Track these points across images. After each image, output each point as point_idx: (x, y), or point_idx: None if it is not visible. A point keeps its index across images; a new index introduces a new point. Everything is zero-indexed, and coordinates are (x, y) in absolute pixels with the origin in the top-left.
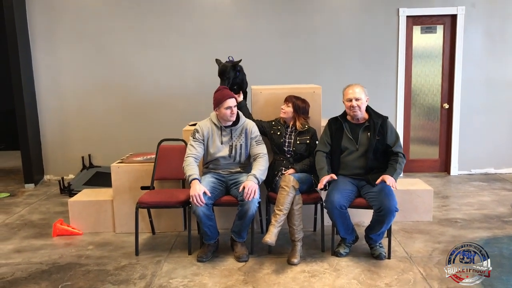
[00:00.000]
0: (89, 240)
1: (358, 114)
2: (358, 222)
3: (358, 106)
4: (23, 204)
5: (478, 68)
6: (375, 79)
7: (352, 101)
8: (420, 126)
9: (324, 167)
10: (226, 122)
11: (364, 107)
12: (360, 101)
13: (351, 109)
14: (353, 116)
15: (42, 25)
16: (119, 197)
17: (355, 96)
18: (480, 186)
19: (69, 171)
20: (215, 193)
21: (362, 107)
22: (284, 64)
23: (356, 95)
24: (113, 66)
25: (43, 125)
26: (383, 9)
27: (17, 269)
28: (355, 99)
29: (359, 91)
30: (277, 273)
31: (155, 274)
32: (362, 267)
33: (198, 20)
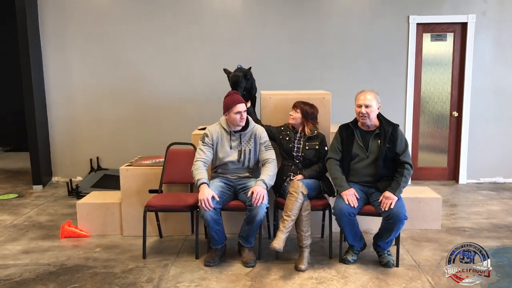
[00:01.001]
0: (96, 242)
1: (367, 121)
2: (366, 229)
3: (368, 113)
4: (31, 206)
5: (488, 76)
6: (384, 86)
7: (361, 108)
8: (429, 134)
9: (339, 177)
10: (236, 127)
11: (374, 114)
12: (370, 108)
13: (360, 116)
14: (362, 123)
15: (53, 27)
16: (127, 200)
17: (365, 102)
18: (489, 195)
19: (77, 173)
20: (223, 197)
21: (372, 114)
22: (293, 69)
23: (366, 102)
24: (123, 69)
25: (52, 127)
26: (393, 16)
27: (25, 270)
28: (365, 106)
29: (371, 97)
30: (284, 279)
31: (162, 278)
32: (370, 275)
33: (207, 25)
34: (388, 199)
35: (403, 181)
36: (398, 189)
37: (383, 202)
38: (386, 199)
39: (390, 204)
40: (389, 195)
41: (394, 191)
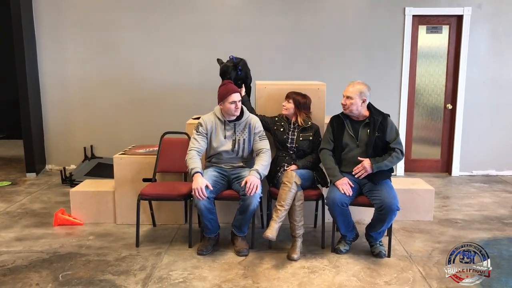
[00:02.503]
0: (90, 230)
1: (347, 112)
2: (358, 219)
3: (347, 105)
4: (25, 193)
5: (482, 69)
6: (379, 77)
7: (344, 98)
8: (422, 126)
9: (332, 166)
10: (230, 116)
11: (355, 108)
12: (351, 100)
13: (343, 106)
14: (344, 112)
15: (47, 17)
16: (120, 189)
17: (347, 94)
18: (481, 187)
19: (71, 161)
20: (217, 187)
21: (352, 107)
22: (289, 59)
23: (347, 93)
24: (117, 59)
25: (46, 115)
26: (389, 7)
27: (17, 257)
28: (346, 97)
29: (353, 90)
30: (277, 268)
31: (155, 266)
32: (362, 265)
33: (203, 14)
34: (364, 169)
35: (388, 160)
36: (378, 164)
37: (357, 167)
38: (361, 167)
39: (361, 175)
40: (366, 165)
41: (374, 162)
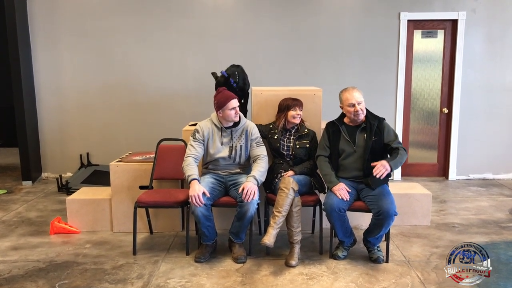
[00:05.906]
0: (86, 238)
1: (361, 117)
2: (356, 225)
3: (362, 110)
4: (21, 201)
5: (478, 73)
6: (375, 82)
7: (355, 106)
8: (419, 130)
9: (329, 173)
10: (228, 123)
11: (364, 111)
12: (362, 104)
13: (355, 114)
14: (356, 119)
15: (42, 23)
16: (117, 196)
17: (358, 100)
18: (478, 191)
19: (67, 169)
20: (214, 193)
21: (364, 109)
22: (285, 65)
23: (358, 99)
24: (113, 65)
25: (42, 123)
26: (384, 12)
27: (14, 267)
28: (358, 103)
29: (358, 94)
30: (275, 275)
31: (152, 274)
32: (360, 271)
33: (199, 20)
34: (383, 167)
35: (399, 157)
36: (395, 162)
37: (377, 168)
38: (381, 166)
39: (382, 174)
40: (385, 163)
41: (390, 161)
